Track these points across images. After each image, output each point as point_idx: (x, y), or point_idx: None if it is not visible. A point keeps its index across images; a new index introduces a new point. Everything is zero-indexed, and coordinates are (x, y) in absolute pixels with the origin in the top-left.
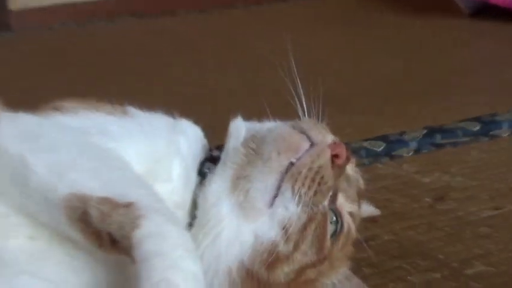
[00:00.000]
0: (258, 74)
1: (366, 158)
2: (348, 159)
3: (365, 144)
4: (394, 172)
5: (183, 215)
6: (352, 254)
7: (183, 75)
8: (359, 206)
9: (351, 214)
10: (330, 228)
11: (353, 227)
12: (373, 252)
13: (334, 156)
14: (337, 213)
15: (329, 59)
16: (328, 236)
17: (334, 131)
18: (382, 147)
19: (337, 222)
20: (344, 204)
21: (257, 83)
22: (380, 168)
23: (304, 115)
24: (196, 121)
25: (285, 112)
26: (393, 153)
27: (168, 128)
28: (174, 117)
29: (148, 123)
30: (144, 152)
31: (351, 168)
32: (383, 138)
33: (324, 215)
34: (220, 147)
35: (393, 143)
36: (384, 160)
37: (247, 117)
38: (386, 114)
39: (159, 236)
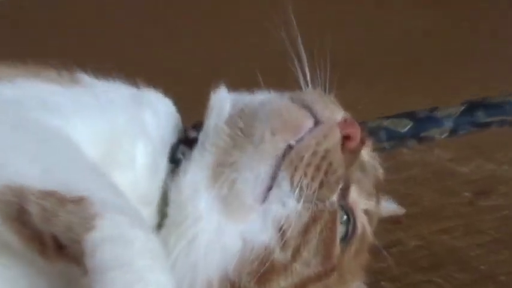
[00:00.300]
0: (248, 35)
1: (387, 141)
2: (363, 142)
3: (386, 123)
4: (423, 159)
5: (149, 212)
6: (369, 264)
7: (152, 40)
8: (377, 203)
9: (366, 212)
10: (340, 231)
11: (369, 229)
12: (395, 262)
13: (346, 138)
14: (349, 211)
15: (339, 10)
16: (338, 241)
17: (346, 105)
18: (407, 127)
19: (348, 222)
20: (358, 199)
21: (247, 45)
22: (405, 154)
23: (307, 85)
24: (167, 93)
25: (282, 81)
26: (422, 134)
27: (131, 100)
28: (138, 88)
29: (105, 94)
30: (99, 132)
31: (367, 154)
32: (409, 115)
33: (333, 214)
34: (198, 126)
35: (422, 122)
36: (410, 144)
37: (234, 88)
38: (414, 83)
39: (119, 240)
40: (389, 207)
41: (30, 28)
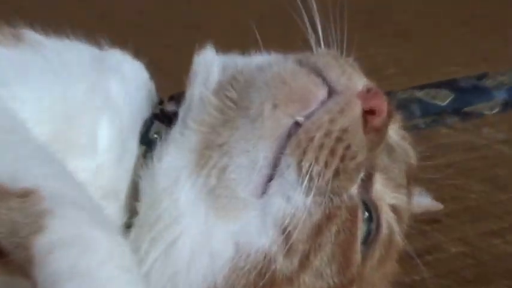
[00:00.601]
0: None
1: (422, 118)
2: (390, 118)
3: (419, 94)
4: (469, 141)
5: (115, 209)
6: (397, 277)
7: None
8: (408, 196)
9: (394, 209)
10: (361, 232)
11: (397, 230)
12: (432, 272)
13: (368, 113)
14: (371, 207)
15: None
16: (359, 245)
17: (369, 70)
18: (448, 100)
19: (370, 221)
20: (384, 192)
21: None
22: (444, 135)
23: (319, 44)
24: (138, 55)
25: (287, 39)
26: (466, 109)
27: (91, 64)
28: (100, 48)
29: (58, 56)
30: (50, 105)
31: (395, 133)
32: (449, 84)
33: (352, 211)
34: (177, 98)
35: (467, 93)
36: (451, 121)
37: (224, 49)
38: (456, 43)
39: (75, 244)
40: (424, 202)
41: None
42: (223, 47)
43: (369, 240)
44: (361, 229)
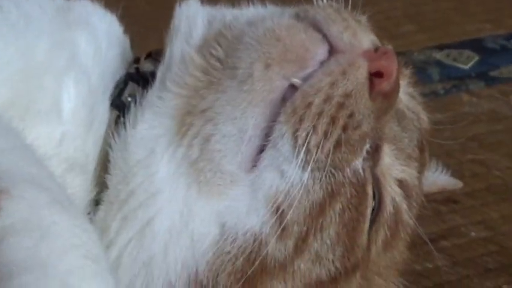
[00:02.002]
0: None
1: (441, 83)
2: (398, 79)
3: (439, 55)
4: (494, 110)
5: (82, 183)
6: (407, 264)
7: None
8: (421, 171)
9: (401, 183)
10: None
11: (405, 208)
12: (448, 260)
13: (376, 75)
14: (373, 182)
15: None
16: (367, 226)
17: (378, 26)
18: (471, 63)
19: (373, 197)
20: (391, 165)
21: None
22: (467, 103)
23: None
24: (109, 7)
25: None
26: (492, 73)
27: (56, 17)
28: None
29: (17, 8)
30: (7, 64)
31: (407, 98)
32: (473, 44)
33: (360, 186)
34: (155, 56)
35: (493, 55)
36: (474, 87)
37: (211, 1)
38: None
39: (34, 230)
40: (440, 179)
41: None
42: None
43: (370, 219)
44: (371, 207)
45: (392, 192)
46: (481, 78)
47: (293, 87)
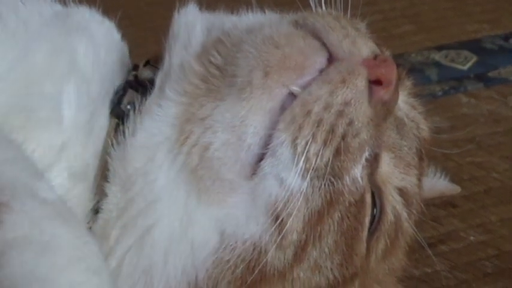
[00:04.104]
0: None
1: (438, 83)
2: (397, 87)
3: (437, 56)
4: (493, 111)
5: (82, 191)
6: (405, 270)
7: None
8: (420, 178)
9: (401, 192)
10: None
11: (405, 216)
12: (447, 264)
13: (375, 83)
14: (375, 191)
15: None
16: (365, 234)
17: (378, 27)
18: (469, 64)
19: (374, 206)
20: (390, 173)
21: None
22: (465, 104)
23: (320, 3)
24: (108, 14)
25: None
26: (491, 74)
27: (54, 23)
28: (65, 4)
29: (15, 14)
30: (6, 71)
31: (404, 102)
32: (471, 45)
33: (359, 194)
34: (154, 63)
35: (491, 56)
36: (473, 88)
37: (209, 6)
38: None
39: (35, 243)
40: (438, 184)
41: None
42: (209, 4)
43: (371, 228)
44: (369, 215)
45: (393, 201)
46: (479, 79)
47: (292, 95)
